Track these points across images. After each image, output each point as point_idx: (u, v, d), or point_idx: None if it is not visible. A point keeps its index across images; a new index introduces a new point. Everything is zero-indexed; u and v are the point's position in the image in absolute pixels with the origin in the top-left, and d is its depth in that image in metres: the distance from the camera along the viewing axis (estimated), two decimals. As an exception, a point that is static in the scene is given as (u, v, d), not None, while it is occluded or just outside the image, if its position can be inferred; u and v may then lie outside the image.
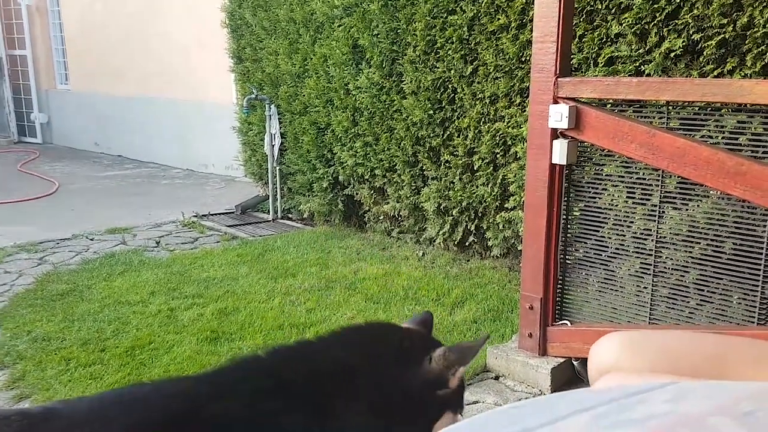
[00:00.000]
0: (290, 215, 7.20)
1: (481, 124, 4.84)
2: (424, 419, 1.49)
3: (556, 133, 3.18)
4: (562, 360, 3.45)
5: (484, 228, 5.07)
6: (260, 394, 1.38)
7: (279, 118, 6.75)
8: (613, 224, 3.26)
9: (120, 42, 10.83)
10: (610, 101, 3.22)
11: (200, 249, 5.99)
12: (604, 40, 4.01)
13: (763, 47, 3.42)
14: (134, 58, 10.64)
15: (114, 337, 4.04)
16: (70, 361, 3.73)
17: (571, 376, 3.50)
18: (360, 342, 1.57)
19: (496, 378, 3.57)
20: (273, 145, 6.83)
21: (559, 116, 3.10)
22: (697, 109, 3.05)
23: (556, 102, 3.13)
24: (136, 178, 9.70)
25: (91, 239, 6.27)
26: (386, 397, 1.46)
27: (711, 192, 2.95)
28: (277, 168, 6.96)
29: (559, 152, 3.17)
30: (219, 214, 7.31)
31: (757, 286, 2.85)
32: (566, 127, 3.10)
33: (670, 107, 3.03)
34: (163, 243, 6.20)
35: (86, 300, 4.63)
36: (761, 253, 2.83)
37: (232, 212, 7.38)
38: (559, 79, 3.11)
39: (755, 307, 2.87)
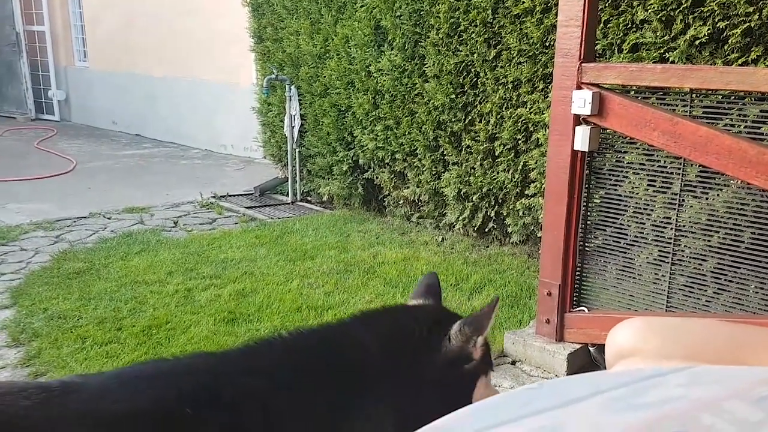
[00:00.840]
0: (309, 198, 7.21)
1: (504, 109, 4.81)
2: (460, 395, 1.51)
3: (578, 120, 3.15)
4: (578, 346, 3.45)
5: (504, 214, 5.06)
6: (283, 372, 1.42)
7: (299, 100, 6.74)
8: (633, 212, 3.24)
9: (139, 20, 10.81)
10: (634, 88, 3.20)
11: (218, 230, 6.01)
12: (629, 26, 3.97)
13: (790, 36, 3.39)
14: (153, 36, 10.62)
15: (130, 317, 4.06)
16: (86, 339, 3.76)
17: (587, 362, 3.50)
18: (381, 328, 1.58)
19: (513, 363, 3.57)
20: (293, 127, 6.82)
21: (582, 102, 3.07)
22: (720, 97, 3.02)
23: (579, 87, 3.10)
24: (155, 158, 9.73)
25: (109, 218, 6.31)
26: (414, 385, 1.49)
27: (731, 181, 2.92)
28: (297, 150, 6.95)
29: (582, 139, 3.14)
30: (237, 195, 7.34)
31: (777, 276, 2.84)
32: (589, 113, 3.07)
33: (694, 95, 3.00)
34: (181, 223, 6.23)
35: (103, 279, 4.66)
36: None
37: (251, 194, 7.40)
38: (583, 64, 3.08)
39: (774, 297, 2.86)
